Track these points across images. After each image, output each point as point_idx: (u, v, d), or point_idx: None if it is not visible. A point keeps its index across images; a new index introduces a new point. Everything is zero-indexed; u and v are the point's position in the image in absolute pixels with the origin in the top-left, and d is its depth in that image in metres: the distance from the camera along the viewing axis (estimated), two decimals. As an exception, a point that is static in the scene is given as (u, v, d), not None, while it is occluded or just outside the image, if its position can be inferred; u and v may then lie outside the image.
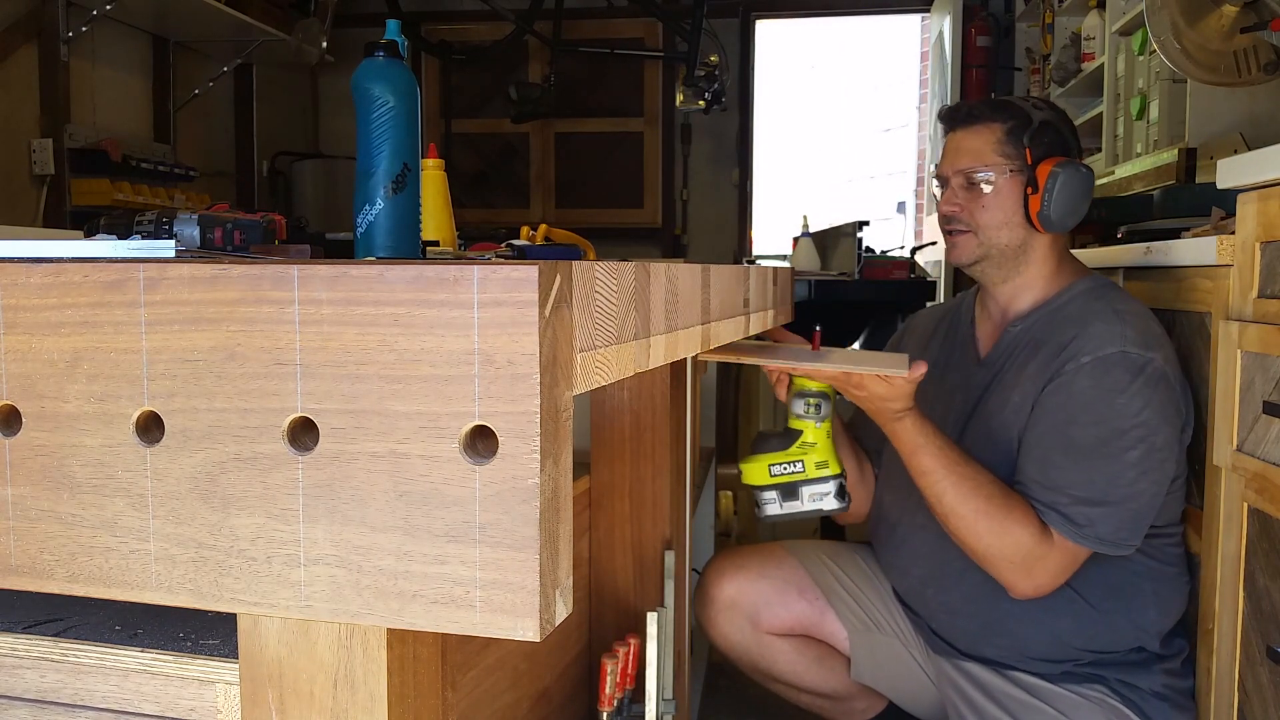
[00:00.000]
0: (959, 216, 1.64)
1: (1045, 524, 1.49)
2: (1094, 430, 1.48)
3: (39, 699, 0.75)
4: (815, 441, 1.60)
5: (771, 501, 1.62)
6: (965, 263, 1.67)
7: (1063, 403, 1.51)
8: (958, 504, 1.51)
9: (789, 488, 1.61)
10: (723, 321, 1.12)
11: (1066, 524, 1.48)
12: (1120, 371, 1.48)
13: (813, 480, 1.60)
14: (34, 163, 3.27)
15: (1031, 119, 1.62)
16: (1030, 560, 1.49)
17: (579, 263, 0.58)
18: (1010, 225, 1.62)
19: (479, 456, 0.53)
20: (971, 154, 1.63)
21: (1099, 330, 1.52)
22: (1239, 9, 2.10)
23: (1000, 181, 1.61)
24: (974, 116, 1.65)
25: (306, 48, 4.44)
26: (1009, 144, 1.62)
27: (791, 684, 1.85)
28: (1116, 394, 1.48)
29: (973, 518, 1.51)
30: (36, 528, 0.59)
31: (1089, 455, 1.48)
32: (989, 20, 4.58)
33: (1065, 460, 1.49)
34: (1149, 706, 1.57)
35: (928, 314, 1.95)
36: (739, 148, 5.19)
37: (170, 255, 0.73)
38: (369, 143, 1.17)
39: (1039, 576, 1.50)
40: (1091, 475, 1.47)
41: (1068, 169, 1.58)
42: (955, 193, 1.65)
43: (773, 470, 1.61)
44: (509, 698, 1.26)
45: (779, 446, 1.61)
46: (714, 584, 1.83)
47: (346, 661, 0.61)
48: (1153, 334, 1.53)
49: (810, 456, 1.60)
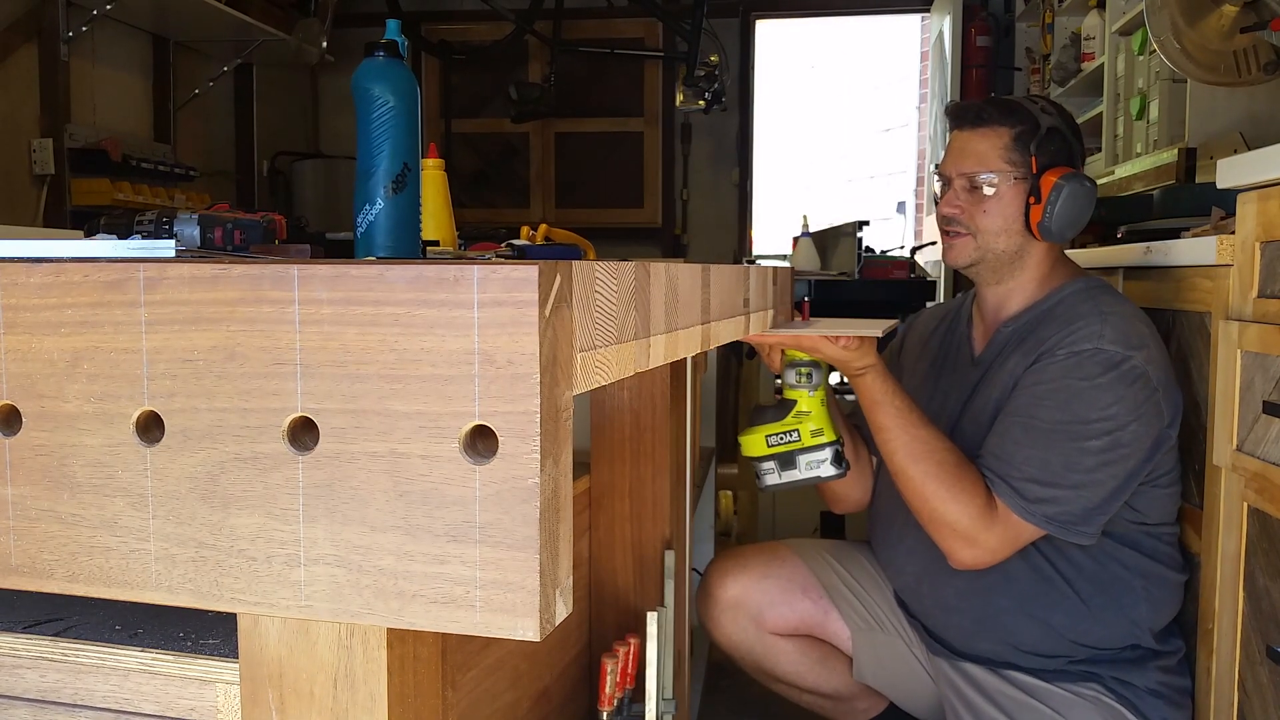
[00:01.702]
0: (959, 218, 1.64)
1: (993, 495, 1.50)
2: (1058, 414, 1.49)
3: (39, 699, 0.75)
4: (809, 410, 1.63)
5: (770, 472, 1.65)
6: (960, 264, 1.67)
7: (1030, 386, 1.53)
8: (908, 464, 1.54)
9: (786, 457, 1.64)
10: (723, 321, 1.12)
11: (1015, 497, 1.49)
12: (1093, 365, 1.49)
13: (809, 448, 1.63)
14: (34, 162, 3.27)
15: (1039, 125, 1.61)
16: (974, 529, 1.50)
17: (579, 262, 0.58)
18: (1009, 232, 1.62)
19: (479, 456, 0.53)
20: (977, 157, 1.62)
21: (1079, 328, 1.54)
22: (1239, 9, 2.10)
23: (1003, 188, 1.61)
24: (982, 118, 1.64)
25: (307, 48, 4.44)
26: (1015, 150, 1.61)
27: (794, 684, 1.85)
28: (1086, 384, 1.49)
29: (921, 479, 1.53)
30: (37, 527, 0.59)
31: (1048, 436, 1.49)
32: (989, 20, 4.58)
33: (1024, 437, 1.51)
34: (1145, 704, 1.57)
35: (929, 314, 1.95)
36: (739, 148, 5.19)
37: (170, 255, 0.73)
38: (369, 142, 1.17)
39: (980, 547, 1.51)
40: (1047, 455, 1.49)
41: (1071, 182, 1.58)
42: (957, 194, 1.64)
43: (769, 440, 1.64)
44: (509, 697, 1.26)
45: (775, 417, 1.64)
46: (717, 584, 1.83)
47: (346, 661, 0.61)
48: (1136, 334, 1.53)
49: (805, 425, 1.63)
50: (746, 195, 5.23)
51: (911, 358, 1.88)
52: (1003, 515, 1.50)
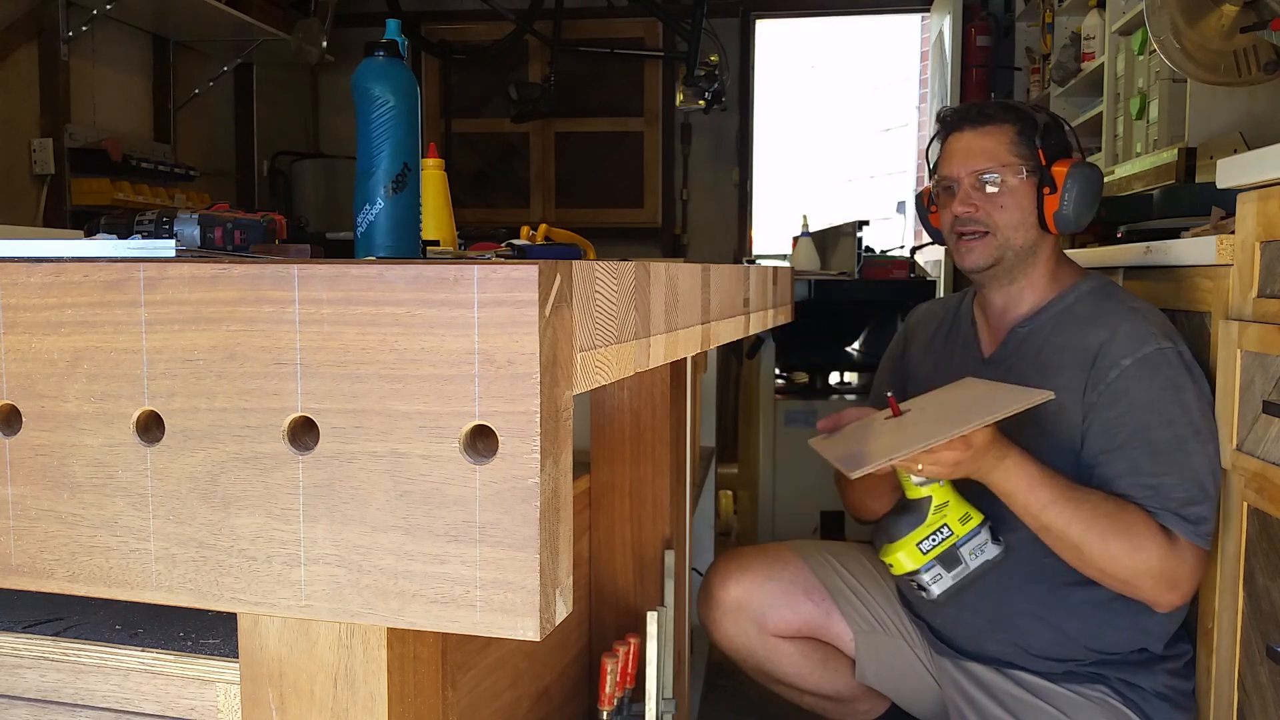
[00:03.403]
0: (974, 217, 1.61)
1: (1165, 527, 1.46)
2: (1169, 430, 1.48)
3: (40, 698, 0.75)
4: (946, 500, 1.51)
5: (937, 578, 1.51)
6: (982, 266, 1.63)
7: (1126, 411, 1.50)
8: (1086, 531, 1.44)
9: (947, 555, 1.51)
10: (723, 321, 1.12)
11: (1185, 525, 1.46)
12: (1166, 369, 1.50)
13: (965, 537, 1.51)
14: (34, 162, 3.27)
15: (1037, 121, 1.62)
16: (1169, 567, 1.44)
17: (579, 262, 0.58)
18: (1026, 226, 1.61)
19: (479, 456, 0.53)
20: (986, 154, 1.61)
21: (1127, 331, 1.53)
22: (1239, 9, 2.10)
23: (1016, 182, 1.60)
24: (986, 117, 1.64)
25: (307, 47, 4.44)
26: (1022, 144, 1.61)
27: (795, 686, 1.85)
28: (1177, 390, 1.49)
29: (1102, 541, 1.44)
30: (37, 527, 0.59)
31: (1174, 454, 1.47)
32: (989, 20, 4.58)
33: (1156, 465, 1.48)
34: (1150, 707, 1.57)
35: (928, 311, 1.93)
36: (739, 147, 5.19)
37: (170, 255, 0.73)
38: (369, 142, 1.17)
39: (1183, 585, 1.46)
40: (1183, 474, 1.47)
41: (1084, 169, 1.59)
42: (969, 194, 1.62)
43: (923, 547, 1.51)
44: (509, 697, 1.26)
45: (915, 522, 1.51)
46: (719, 586, 1.82)
47: (347, 661, 0.61)
48: (1168, 325, 1.56)
49: (950, 516, 1.51)
50: (746, 195, 5.22)
51: (916, 357, 1.87)
52: (1184, 545, 1.46)
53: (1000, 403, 1.39)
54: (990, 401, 1.42)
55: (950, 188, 1.65)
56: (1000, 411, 1.37)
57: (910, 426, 1.48)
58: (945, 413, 1.47)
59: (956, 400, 1.51)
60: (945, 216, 1.67)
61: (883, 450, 1.41)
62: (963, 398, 1.51)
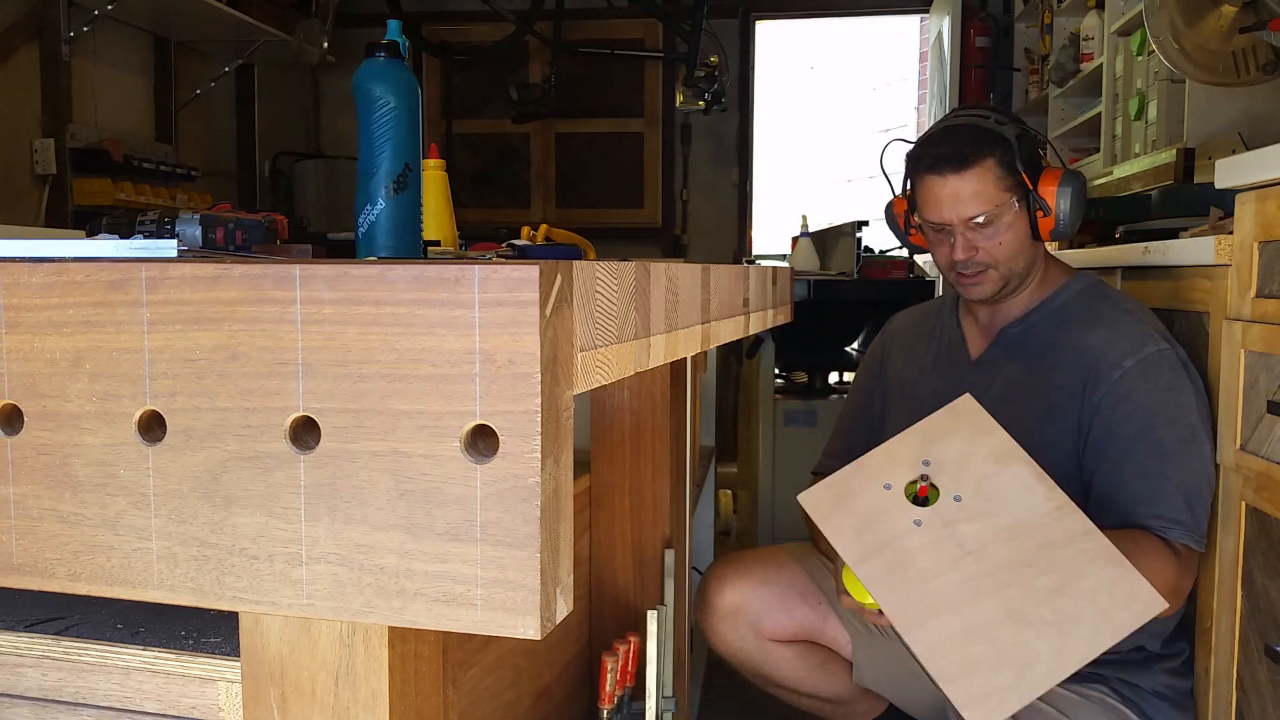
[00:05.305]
0: (976, 260, 1.61)
1: (1168, 540, 1.48)
2: (1173, 430, 1.50)
3: (42, 697, 0.75)
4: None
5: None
6: (989, 296, 1.63)
7: (1131, 413, 1.52)
8: None
9: None
10: (723, 321, 1.12)
11: (1187, 532, 1.48)
12: (1167, 370, 1.52)
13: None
14: (36, 162, 3.27)
15: (1010, 140, 1.58)
16: (1180, 584, 1.48)
17: (579, 262, 0.58)
18: (1024, 249, 1.62)
19: (480, 455, 0.53)
20: (977, 198, 1.57)
21: (1124, 333, 1.55)
22: (1238, 9, 2.10)
23: (1012, 216, 1.59)
24: (965, 160, 1.57)
25: (308, 48, 4.44)
26: (1006, 175, 1.57)
27: (793, 689, 1.85)
28: (1177, 392, 1.51)
29: None
30: (39, 526, 0.59)
31: (1177, 454, 1.50)
32: (988, 20, 4.58)
33: (1161, 464, 1.50)
34: (1149, 706, 1.57)
35: (907, 318, 1.93)
36: (739, 148, 5.20)
37: (172, 255, 0.74)
38: (370, 143, 1.18)
39: (1187, 589, 1.52)
40: (1185, 474, 1.49)
41: (1070, 181, 1.59)
42: (967, 239, 1.59)
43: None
44: (510, 695, 1.27)
45: None
46: (716, 590, 1.82)
47: (348, 659, 0.61)
48: (1162, 326, 1.58)
49: None
50: (746, 195, 5.23)
51: (898, 364, 1.86)
52: (1185, 553, 1.49)
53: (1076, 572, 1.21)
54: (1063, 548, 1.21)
55: (942, 229, 1.62)
56: (1101, 645, 1.20)
57: (966, 561, 1.23)
58: (1015, 553, 1.23)
59: (1005, 507, 1.27)
60: (940, 255, 1.65)
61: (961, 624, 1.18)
62: (1011, 506, 1.27)
